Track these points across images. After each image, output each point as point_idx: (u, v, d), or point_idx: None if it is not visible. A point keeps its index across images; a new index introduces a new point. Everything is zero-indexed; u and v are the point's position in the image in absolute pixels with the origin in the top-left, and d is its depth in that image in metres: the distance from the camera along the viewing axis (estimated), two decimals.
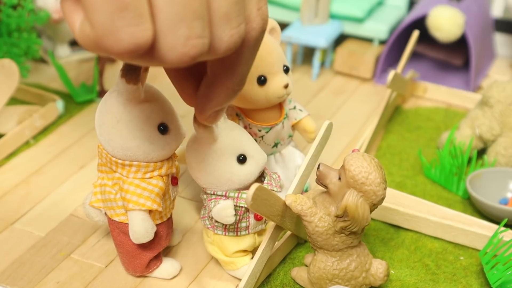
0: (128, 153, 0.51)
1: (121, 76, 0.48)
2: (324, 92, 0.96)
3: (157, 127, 0.52)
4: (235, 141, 0.54)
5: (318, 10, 0.98)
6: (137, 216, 0.53)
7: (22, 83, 0.89)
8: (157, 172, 0.53)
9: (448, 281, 0.60)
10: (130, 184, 0.53)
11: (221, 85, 0.41)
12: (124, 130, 0.51)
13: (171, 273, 0.59)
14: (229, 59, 0.39)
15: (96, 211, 0.58)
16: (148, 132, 0.51)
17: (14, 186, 0.72)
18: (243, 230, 0.57)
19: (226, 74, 0.40)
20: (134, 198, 0.53)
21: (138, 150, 0.51)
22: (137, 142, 0.51)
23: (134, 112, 0.50)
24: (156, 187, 0.53)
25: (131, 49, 0.32)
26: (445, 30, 0.90)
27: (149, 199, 0.53)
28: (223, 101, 0.43)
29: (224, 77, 0.41)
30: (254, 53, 0.40)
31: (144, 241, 0.55)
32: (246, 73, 0.41)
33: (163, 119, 0.52)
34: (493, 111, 0.75)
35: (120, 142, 0.51)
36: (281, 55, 0.64)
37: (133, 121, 0.51)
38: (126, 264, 0.59)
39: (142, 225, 0.54)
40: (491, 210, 0.66)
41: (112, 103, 0.51)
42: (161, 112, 0.52)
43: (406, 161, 0.78)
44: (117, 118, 0.51)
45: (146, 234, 0.54)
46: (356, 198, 0.51)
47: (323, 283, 0.55)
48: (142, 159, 0.52)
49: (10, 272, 0.60)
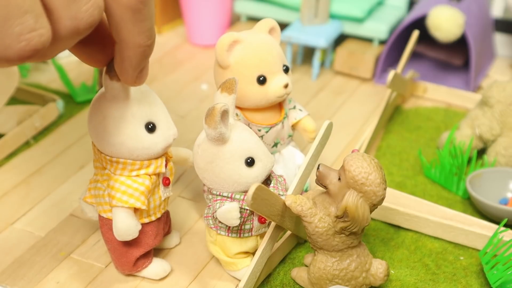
0: (113, 149, 0.52)
1: (105, 72, 0.48)
2: (324, 92, 0.96)
3: (145, 126, 0.52)
4: (244, 144, 0.54)
5: (318, 10, 0.98)
6: (120, 213, 0.53)
7: (22, 83, 0.89)
8: (144, 170, 0.53)
9: (448, 281, 0.60)
10: (116, 181, 0.53)
11: (131, 46, 0.41)
12: (109, 126, 0.51)
13: (160, 275, 0.59)
14: (119, 23, 0.39)
15: (90, 207, 0.58)
16: (133, 129, 0.51)
17: (14, 186, 0.72)
18: (246, 232, 0.57)
19: (128, 36, 0.40)
20: (118, 194, 0.53)
21: (122, 147, 0.51)
22: (122, 139, 0.51)
23: (120, 109, 0.51)
24: (141, 185, 0.53)
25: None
26: (445, 30, 0.90)
27: (133, 197, 0.53)
28: (141, 59, 0.43)
29: (130, 39, 0.41)
30: (147, 4, 0.40)
31: (127, 239, 0.54)
32: (149, 27, 0.41)
33: (151, 118, 0.52)
34: (493, 111, 0.75)
35: (105, 138, 0.51)
36: (281, 55, 0.64)
37: (119, 118, 0.51)
38: (115, 261, 0.59)
39: (124, 222, 0.53)
40: (491, 210, 0.66)
41: (101, 100, 0.51)
42: (149, 111, 0.52)
43: (406, 161, 0.78)
44: (104, 114, 0.51)
45: (128, 231, 0.54)
46: (356, 199, 0.51)
47: (323, 283, 0.55)
48: (127, 156, 0.52)
49: (10, 272, 0.60)
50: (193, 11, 1.06)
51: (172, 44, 1.10)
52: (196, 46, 1.10)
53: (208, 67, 1.02)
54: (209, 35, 1.08)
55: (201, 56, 1.07)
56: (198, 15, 1.06)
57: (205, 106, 0.89)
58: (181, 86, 0.96)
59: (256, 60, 0.62)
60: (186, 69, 1.02)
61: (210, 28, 1.08)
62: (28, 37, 0.33)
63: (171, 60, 1.05)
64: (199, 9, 1.05)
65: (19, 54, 0.34)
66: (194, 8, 1.06)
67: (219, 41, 0.61)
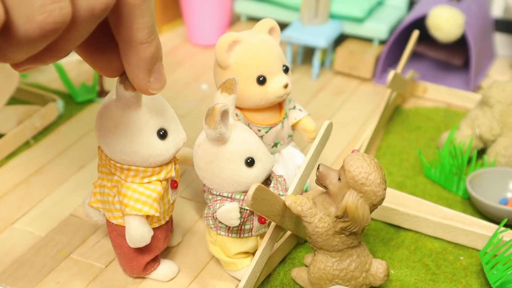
0: (126, 157, 0.51)
1: (119, 82, 0.47)
2: (324, 92, 0.96)
3: (157, 133, 0.51)
4: (244, 144, 0.54)
5: (318, 10, 0.98)
6: (134, 221, 0.53)
7: (22, 83, 0.89)
8: (155, 177, 0.53)
9: (448, 281, 0.60)
10: (128, 189, 0.53)
11: (132, 44, 0.41)
12: (122, 135, 0.50)
13: (168, 276, 0.59)
14: (119, 21, 0.39)
15: (95, 211, 0.58)
16: (146, 138, 0.51)
17: (14, 186, 0.72)
18: (246, 232, 0.57)
19: (128, 33, 0.40)
20: (131, 203, 0.52)
21: (135, 155, 0.51)
22: (135, 148, 0.51)
23: (132, 117, 0.50)
24: (154, 192, 0.53)
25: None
26: (445, 30, 0.90)
27: (146, 205, 0.53)
28: (147, 60, 0.42)
29: (130, 36, 0.40)
30: (145, 0, 0.39)
31: (141, 246, 0.55)
32: (149, 24, 0.40)
33: (163, 125, 0.52)
34: (493, 111, 0.75)
35: (118, 147, 0.51)
36: (281, 55, 0.64)
37: (131, 126, 0.50)
38: (123, 265, 0.59)
39: (138, 230, 0.53)
40: (491, 210, 0.66)
41: (111, 107, 0.50)
42: (161, 118, 0.52)
43: (406, 161, 0.78)
44: (116, 123, 0.50)
45: (142, 239, 0.54)
46: (356, 199, 0.51)
47: (323, 283, 0.55)
48: (140, 164, 0.52)
49: (10, 272, 0.60)
50: (193, 11, 1.06)
51: (172, 44, 1.10)
52: (196, 46, 1.10)
53: (208, 67, 1.02)
54: (209, 35, 1.08)
55: (201, 56, 1.07)
56: (198, 15, 1.06)
57: (205, 106, 0.89)
58: (181, 86, 0.96)
59: (256, 60, 0.62)
60: (186, 69, 1.02)
61: (210, 28, 1.08)
62: (50, 8, 0.33)
63: (171, 60, 1.05)
64: (199, 9, 1.05)
65: (40, 27, 0.33)
66: (194, 8, 1.06)
67: (219, 41, 0.61)
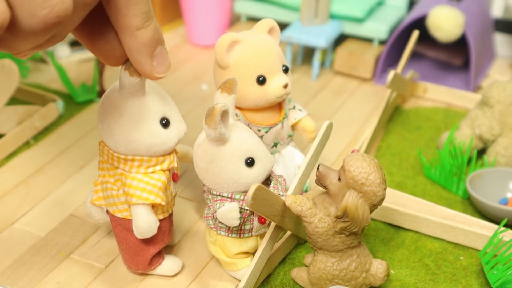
0: (131, 147, 0.52)
1: (124, 69, 0.48)
2: (324, 92, 0.96)
3: (160, 121, 0.52)
4: (244, 144, 0.54)
5: (318, 10, 0.98)
6: (141, 211, 0.54)
7: (22, 83, 0.89)
8: (159, 166, 0.54)
9: (448, 281, 0.60)
10: (133, 179, 0.53)
11: (130, 31, 0.42)
12: (127, 124, 0.51)
13: (174, 270, 0.60)
14: (115, 9, 0.40)
15: (98, 210, 0.58)
16: (150, 125, 0.51)
17: (14, 186, 0.72)
18: (246, 232, 0.57)
19: (124, 20, 0.41)
20: (137, 192, 0.53)
21: (140, 144, 0.52)
22: (140, 136, 0.51)
23: (136, 105, 0.51)
24: (159, 181, 0.54)
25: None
26: (445, 30, 0.90)
27: (153, 193, 0.53)
28: (146, 44, 0.43)
29: (126, 23, 0.41)
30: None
31: (148, 236, 0.55)
32: (144, 10, 0.41)
33: (165, 113, 0.52)
34: (493, 111, 0.75)
35: (123, 136, 0.51)
36: (281, 55, 0.64)
37: (136, 114, 0.51)
38: (128, 261, 0.59)
39: (145, 219, 0.54)
40: (491, 210, 0.66)
41: (115, 97, 0.51)
42: (163, 106, 0.52)
43: (406, 161, 0.78)
44: (120, 112, 0.51)
45: (149, 229, 0.54)
46: (356, 199, 0.51)
47: (323, 283, 0.55)
48: (145, 153, 0.52)
49: (10, 272, 0.60)
50: (193, 11, 1.06)
51: (172, 44, 1.10)
52: (196, 46, 1.10)
53: (208, 67, 1.02)
54: (209, 35, 1.08)
55: (201, 56, 1.07)
56: (198, 15, 1.06)
57: (205, 106, 0.89)
58: (181, 86, 0.96)
59: (255, 60, 0.62)
60: (186, 69, 1.02)
61: (210, 28, 1.08)
62: (52, 2, 0.34)
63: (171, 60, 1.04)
64: (199, 9, 1.06)
65: (43, 21, 0.34)
66: (194, 8, 1.06)
67: (219, 41, 0.61)
